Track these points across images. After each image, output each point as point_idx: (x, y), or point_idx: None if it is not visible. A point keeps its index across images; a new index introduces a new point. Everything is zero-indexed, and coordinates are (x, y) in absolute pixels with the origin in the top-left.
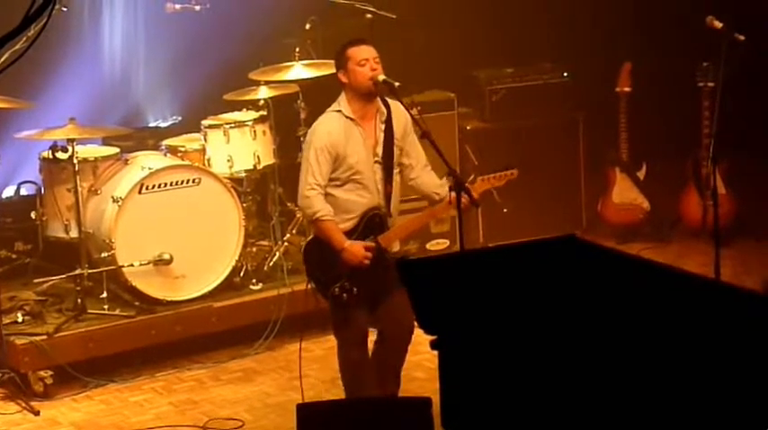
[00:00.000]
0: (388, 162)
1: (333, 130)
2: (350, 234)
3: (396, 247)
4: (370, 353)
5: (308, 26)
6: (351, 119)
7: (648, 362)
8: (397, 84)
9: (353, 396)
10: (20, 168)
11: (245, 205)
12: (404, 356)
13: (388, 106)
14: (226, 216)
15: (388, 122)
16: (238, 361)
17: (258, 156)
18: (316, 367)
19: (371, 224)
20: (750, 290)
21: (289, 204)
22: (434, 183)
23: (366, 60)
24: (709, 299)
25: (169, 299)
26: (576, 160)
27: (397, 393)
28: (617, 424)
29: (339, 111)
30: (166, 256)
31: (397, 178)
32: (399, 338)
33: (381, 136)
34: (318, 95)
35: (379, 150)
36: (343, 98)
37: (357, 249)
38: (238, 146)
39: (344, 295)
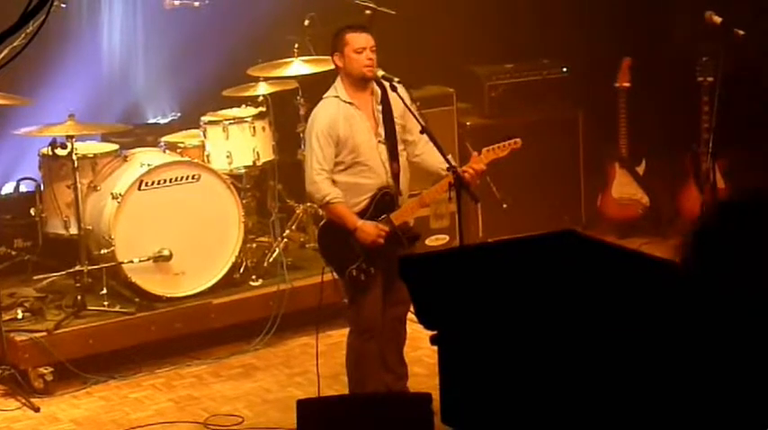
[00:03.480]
0: (391, 141)
1: (332, 115)
2: (361, 215)
3: (411, 222)
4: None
5: (306, 22)
6: (348, 103)
7: (648, 357)
8: (396, 79)
9: (357, 386)
10: (19, 165)
11: (244, 201)
12: (404, 334)
13: (382, 86)
14: (225, 212)
15: (385, 101)
16: (238, 357)
17: (258, 153)
18: (317, 362)
19: (382, 203)
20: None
21: (288, 200)
22: (440, 159)
23: (363, 49)
24: (710, 295)
25: (169, 295)
26: (576, 155)
27: (407, 374)
28: (617, 418)
29: (336, 96)
30: (166, 253)
31: (403, 154)
32: (398, 313)
33: (380, 116)
34: (318, 91)
35: (381, 130)
36: (339, 83)
37: (370, 228)
38: (238, 142)
39: (362, 275)
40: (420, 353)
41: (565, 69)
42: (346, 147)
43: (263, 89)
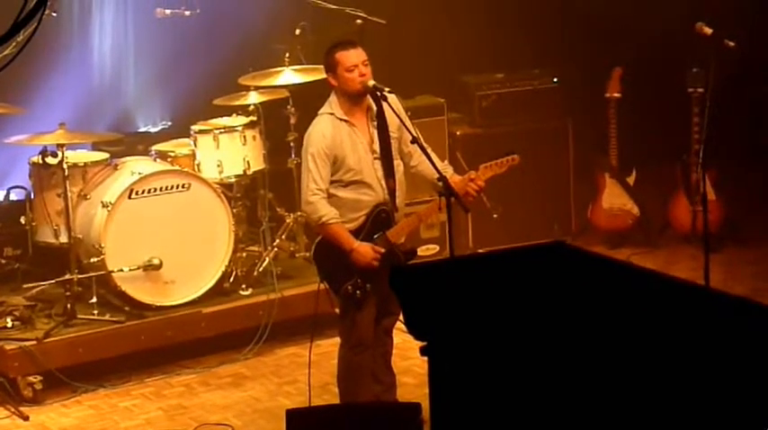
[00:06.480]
0: (387, 157)
1: (327, 133)
2: (357, 232)
3: (402, 240)
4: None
5: (297, 31)
6: (344, 120)
7: (637, 369)
8: (387, 89)
9: (347, 398)
10: (9, 173)
11: (234, 210)
12: (391, 344)
13: (377, 100)
14: (215, 221)
15: (381, 117)
16: (228, 366)
17: (248, 162)
18: (307, 372)
19: (378, 220)
20: (738, 296)
21: (279, 209)
22: (437, 167)
23: (355, 66)
24: (698, 305)
25: (159, 304)
26: (566, 166)
27: (395, 384)
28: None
29: (332, 113)
30: (156, 261)
31: (399, 169)
32: (385, 324)
33: (375, 132)
34: (308, 100)
35: (377, 147)
36: (333, 99)
37: (366, 250)
38: (228, 151)
39: (357, 292)
40: (410, 362)
41: (555, 79)
42: (343, 166)
43: (253, 98)
